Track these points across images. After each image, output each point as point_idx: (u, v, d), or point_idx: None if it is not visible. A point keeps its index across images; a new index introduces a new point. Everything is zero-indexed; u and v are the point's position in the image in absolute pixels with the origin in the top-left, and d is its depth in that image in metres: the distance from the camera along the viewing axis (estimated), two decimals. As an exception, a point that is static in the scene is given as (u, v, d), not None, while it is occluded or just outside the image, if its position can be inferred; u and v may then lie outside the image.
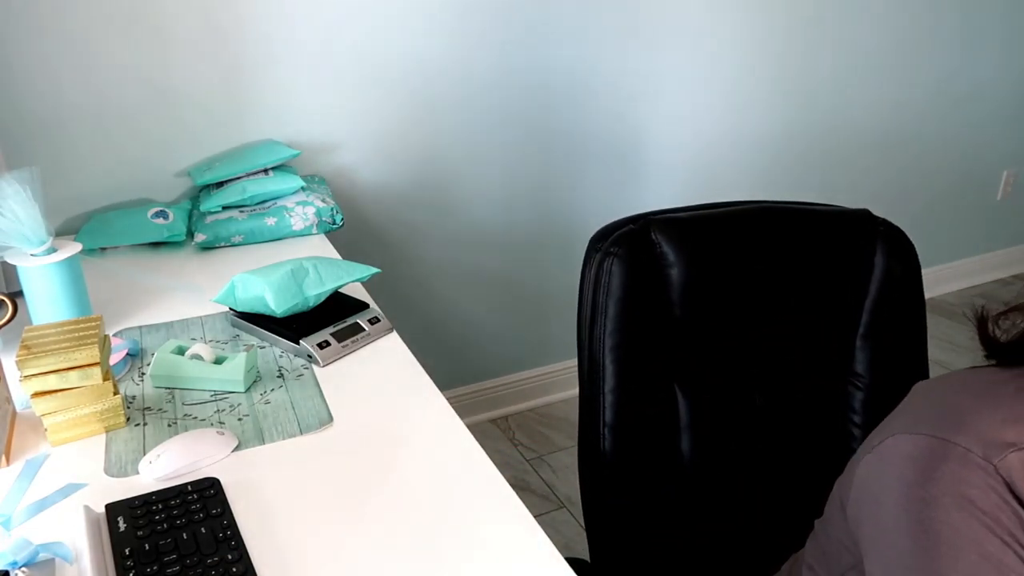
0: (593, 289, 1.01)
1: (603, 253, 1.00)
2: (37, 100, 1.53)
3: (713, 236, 1.03)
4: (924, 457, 0.64)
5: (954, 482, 0.62)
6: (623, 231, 1.01)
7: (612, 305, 0.99)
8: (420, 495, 0.85)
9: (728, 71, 2.24)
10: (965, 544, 0.61)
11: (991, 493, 0.61)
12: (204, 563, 0.73)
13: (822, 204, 1.12)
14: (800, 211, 1.10)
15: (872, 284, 1.10)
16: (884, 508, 0.66)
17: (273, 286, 1.12)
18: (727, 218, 1.05)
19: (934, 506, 0.62)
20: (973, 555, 0.60)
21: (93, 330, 0.93)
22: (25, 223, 1.07)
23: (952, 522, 0.61)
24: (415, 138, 1.91)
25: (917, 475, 0.63)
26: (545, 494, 2.04)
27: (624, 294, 0.99)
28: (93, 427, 0.93)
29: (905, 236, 1.10)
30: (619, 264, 0.98)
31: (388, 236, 1.98)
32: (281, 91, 1.73)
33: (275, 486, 0.86)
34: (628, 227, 1.01)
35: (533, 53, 1.96)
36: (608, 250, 0.99)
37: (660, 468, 1.05)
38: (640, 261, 0.99)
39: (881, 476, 0.67)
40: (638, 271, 0.99)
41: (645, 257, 1.00)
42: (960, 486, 0.61)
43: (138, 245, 1.54)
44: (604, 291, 0.99)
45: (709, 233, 1.03)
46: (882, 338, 1.10)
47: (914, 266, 1.10)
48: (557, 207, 2.15)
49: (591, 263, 1.02)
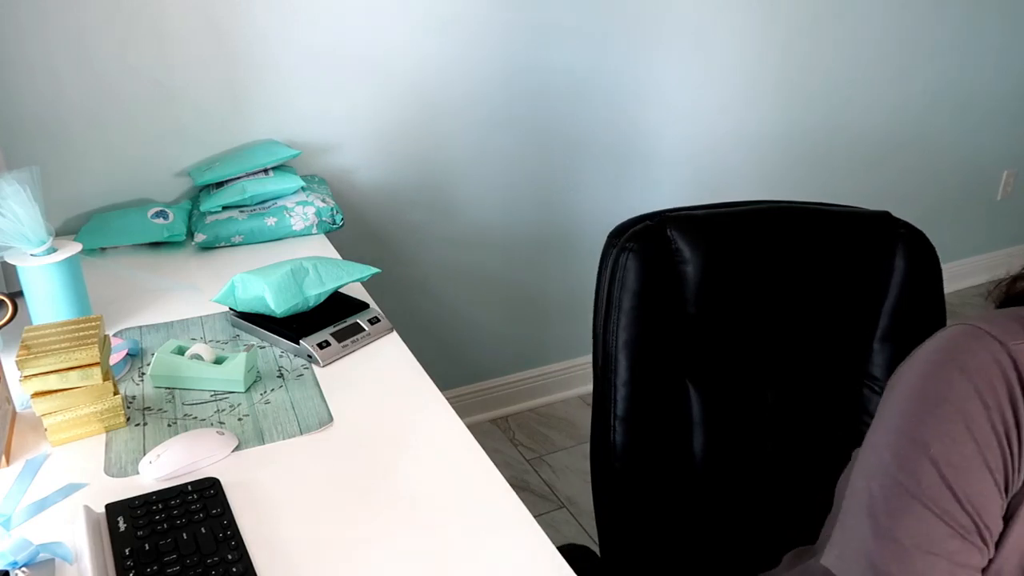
0: (609, 283, 1.02)
1: (619, 248, 1.00)
2: (37, 100, 1.53)
3: (729, 234, 1.04)
4: (945, 337, 0.68)
5: (964, 351, 0.66)
6: (639, 227, 1.01)
7: (627, 299, 1.00)
8: (420, 495, 0.85)
9: (729, 72, 2.24)
10: (951, 398, 0.65)
11: (995, 367, 0.65)
12: (204, 563, 0.73)
13: (841, 205, 1.11)
14: (818, 211, 1.09)
15: (891, 287, 1.08)
16: (900, 381, 0.71)
17: (273, 286, 1.12)
18: (744, 216, 1.05)
19: (939, 365, 0.67)
20: (952, 408, 0.65)
21: (93, 330, 0.93)
22: (25, 223, 1.07)
23: (948, 378, 0.66)
24: (415, 138, 1.91)
25: (936, 349, 0.68)
26: (545, 494, 2.04)
27: (639, 288, 1.00)
28: (93, 427, 0.93)
29: (926, 239, 1.08)
30: (634, 259, 0.99)
31: (388, 236, 1.98)
32: (281, 91, 1.73)
33: (275, 486, 0.86)
34: (645, 223, 1.02)
35: (534, 53, 1.96)
36: (624, 245, 1.00)
37: (670, 462, 1.05)
38: (655, 257, 1.00)
39: (903, 366, 0.72)
40: (653, 267, 1.00)
41: (661, 253, 1.00)
42: (967, 355, 0.66)
43: (138, 245, 1.54)
44: (619, 285, 1.00)
45: (725, 231, 1.04)
46: (901, 342, 1.09)
47: (935, 270, 1.08)
48: (557, 207, 2.15)
49: (608, 258, 1.03)
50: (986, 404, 0.64)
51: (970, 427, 0.64)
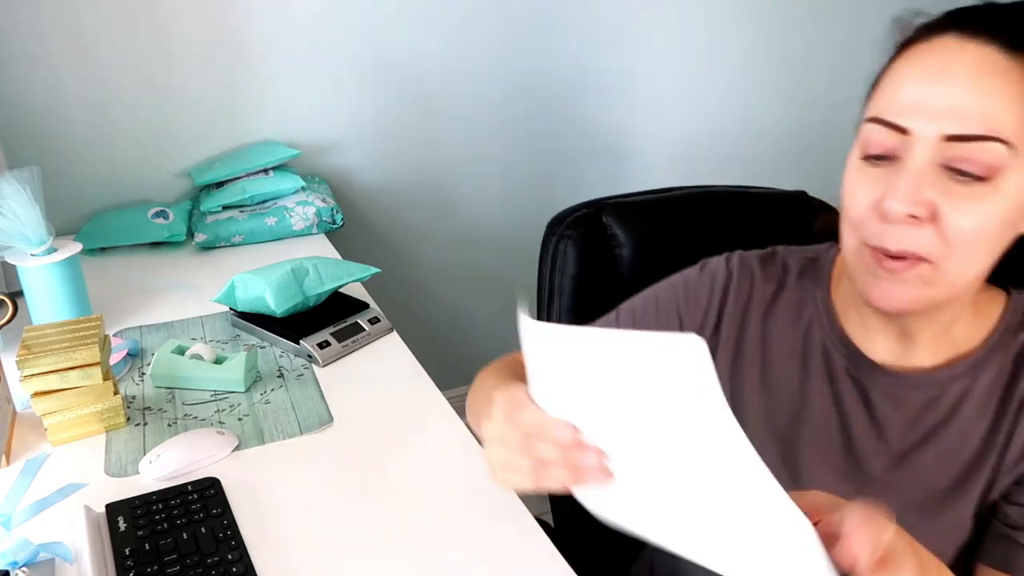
0: (550, 271, 1.05)
1: (558, 236, 1.05)
2: (38, 100, 1.53)
3: (659, 219, 1.09)
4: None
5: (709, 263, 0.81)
6: (577, 215, 1.06)
7: (567, 283, 1.04)
8: (420, 495, 0.85)
9: (728, 70, 2.24)
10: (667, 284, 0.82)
11: (721, 269, 0.79)
12: (204, 563, 0.73)
13: (763, 187, 1.16)
14: (740, 194, 1.14)
15: None
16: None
17: (273, 286, 1.12)
18: (673, 202, 1.11)
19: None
20: (653, 290, 0.82)
21: (93, 330, 0.93)
22: (25, 223, 1.07)
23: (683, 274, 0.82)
24: (415, 138, 1.91)
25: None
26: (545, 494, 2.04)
27: (578, 272, 1.04)
28: (93, 427, 0.93)
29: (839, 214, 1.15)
30: (573, 245, 1.03)
31: (388, 236, 1.98)
32: (281, 91, 1.73)
33: (275, 486, 0.86)
34: (582, 211, 1.06)
35: (533, 53, 1.96)
36: (563, 233, 1.04)
37: None
38: (593, 242, 1.04)
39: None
40: (591, 252, 1.04)
41: (598, 239, 1.04)
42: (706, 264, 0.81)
43: (138, 245, 1.54)
44: (559, 271, 1.04)
45: (656, 216, 1.08)
46: None
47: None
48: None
49: (548, 247, 1.07)
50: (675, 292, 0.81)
51: (646, 301, 0.84)
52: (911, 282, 0.61)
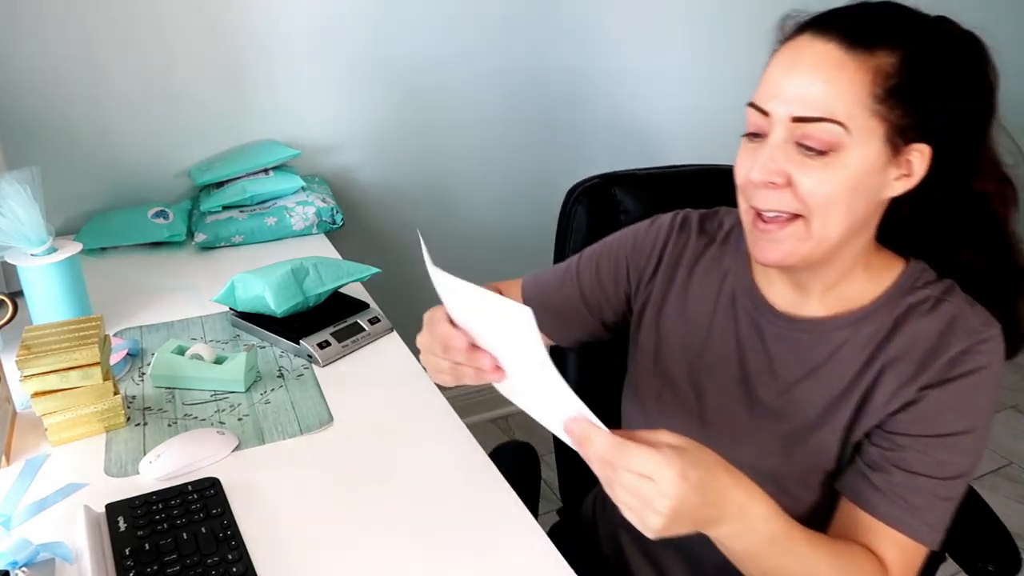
0: (564, 230, 1.20)
1: (572, 202, 1.20)
2: (38, 100, 1.53)
3: (664, 190, 1.22)
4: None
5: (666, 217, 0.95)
6: (589, 184, 1.20)
7: (579, 239, 1.17)
8: (420, 495, 0.85)
9: (728, 69, 2.24)
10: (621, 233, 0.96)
11: (666, 224, 0.93)
12: (204, 563, 0.73)
13: None
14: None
15: None
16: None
17: (273, 286, 1.12)
18: (678, 176, 1.26)
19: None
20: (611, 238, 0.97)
21: (93, 330, 0.93)
22: (25, 223, 1.07)
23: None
24: (415, 138, 1.91)
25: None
26: (545, 494, 2.04)
27: (588, 232, 1.17)
28: (93, 427, 0.94)
29: None
30: (584, 208, 1.18)
31: (388, 236, 1.98)
32: (281, 91, 1.73)
33: (275, 486, 0.86)
34: (595, 181, 1.20)
35: (534, 51, 1.96)
36: (577, 199, 1.19)
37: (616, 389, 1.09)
38: (602, 208, 1.18)
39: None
40: (600, 215, 1.17)
41: (607, 205, 1.18)
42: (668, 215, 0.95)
43: (138, 245, 1.54)
44: (574, 230, 1.19)
45: (659, 188, 1.22)
46: None
47: None
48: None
49: (565, 210, 1.21)
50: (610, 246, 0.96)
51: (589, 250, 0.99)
52: (786, 240, 0.73)
